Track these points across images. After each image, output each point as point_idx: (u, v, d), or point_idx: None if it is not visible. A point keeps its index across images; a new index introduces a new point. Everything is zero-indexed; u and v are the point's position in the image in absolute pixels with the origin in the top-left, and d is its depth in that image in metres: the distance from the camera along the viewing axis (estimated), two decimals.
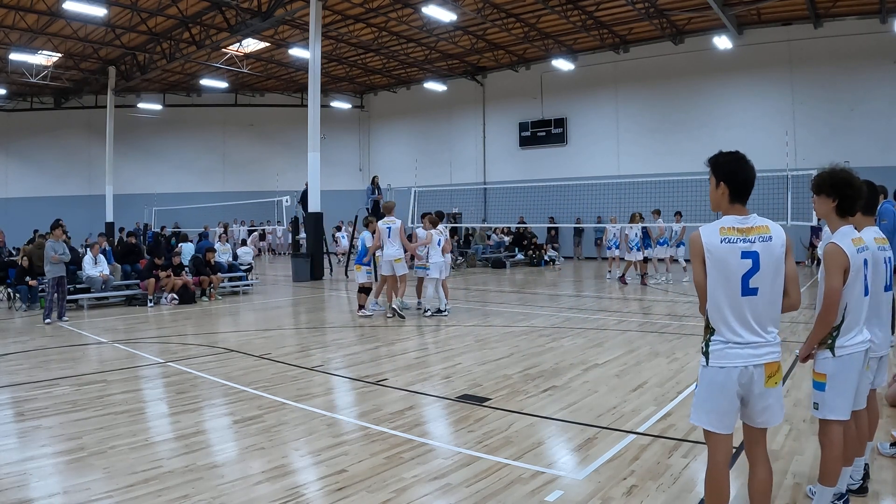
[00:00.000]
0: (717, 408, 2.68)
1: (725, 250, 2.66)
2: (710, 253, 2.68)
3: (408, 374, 6.53)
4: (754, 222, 2.70)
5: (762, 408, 2.70)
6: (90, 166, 28.49)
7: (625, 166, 22.94)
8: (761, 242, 2.66)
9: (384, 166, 29.52)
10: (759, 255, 2.64)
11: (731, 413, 2.70)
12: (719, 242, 2.67)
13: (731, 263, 2.65)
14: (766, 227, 2.69)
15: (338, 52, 23.88)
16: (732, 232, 2.68)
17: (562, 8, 18.88)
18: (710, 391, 2.70)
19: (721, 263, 2.66)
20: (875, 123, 18.27)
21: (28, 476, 3.86)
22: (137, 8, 18.39)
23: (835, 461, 3.11)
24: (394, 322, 9.94)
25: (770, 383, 2.67)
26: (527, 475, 3.84)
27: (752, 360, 2.64)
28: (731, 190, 2.73)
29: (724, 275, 2.66)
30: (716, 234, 2.69)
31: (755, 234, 2.67)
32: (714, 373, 2.69)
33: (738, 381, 2.65)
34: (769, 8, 18.23)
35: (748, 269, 2.64)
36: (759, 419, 2.73)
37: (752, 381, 2.65)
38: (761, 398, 2.68)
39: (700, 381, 2.77)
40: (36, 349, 8.16)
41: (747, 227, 2.68)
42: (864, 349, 3.17)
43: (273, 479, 3.81)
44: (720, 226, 2.71)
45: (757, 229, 2.68)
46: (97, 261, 12.53)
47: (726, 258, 2.65)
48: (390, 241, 10.36)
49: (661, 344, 7.88)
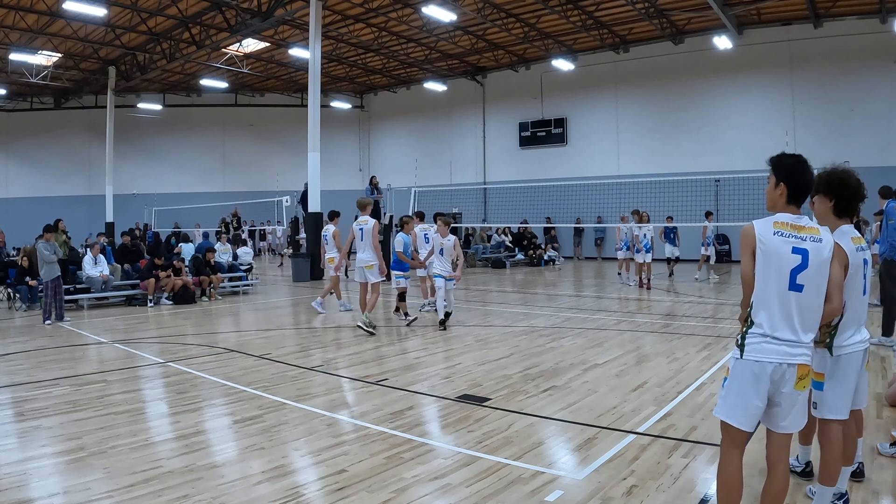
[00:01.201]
0: (746, 402, 2.69)
1: (778, 242, 2.69)
2: (762, 244, 2.71)
3: (408, 374, 6.53)
4: (807, 223, 2.76)
5: (788, 410, 2.70)
6: (90, 166, 28.49)
7: (625, 166, 22.94)
8: (812, 242, 2.70)
9: (384, 166, 29.53)
10: (808, 254, 2.68)
11: (756, 410, 2.70)
12: (772, 234, 2.71)
13: (782, 256, 2.68)
14: (817, 230, 2.76)
15: (338, 52, 23.88)
16: (786, 227, 2.72)
17: (562, 8, 18.87)
18: (742, 384, 2.70)
19: (772, 255, 2.69)
20: (875, 123, 18.27)
21: (28, 476, 3.86)
22: (137, 8, 18.39)
23: (834, 461, 3.11)
24: (393, 322, 9.93)
25: (799, 386, 2.68)
26: (527, 475, 3.84)
27: (788, 359, 2.65)
28: (790, 191, 2.76)
29: (775, 267, 2.69)
30: (769, 227, 2.73)
31: (807, 234, 2.71)
32: (748, 366, 2.70)
33: (771, 378, 2.66)
34: (769, 8, 18.23)
35: (797, 264, 2.67)
36: (783, 422, 2.73)
37: (784, 380, 2.66)
38: (788, 399, 2.68)
39: (732, 373, 2.77)
40: (36, 349, 8.15)
41: (801, 226, 2.73)
42: (863, 348, 3.17)
43: (273, 479, 3.81)
44: (774, 220, 2.75)
45: (809, 229, 2.73)
46: (97, 261, 12.53)
47: (778, 250, 2.69)
48: (362, 245, 9.16)
49: (661, 344, 7.88)
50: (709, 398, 5.43)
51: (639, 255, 14.45)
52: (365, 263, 9.06)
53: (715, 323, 9.60)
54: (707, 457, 4.07)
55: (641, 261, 14.42)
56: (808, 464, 3.71)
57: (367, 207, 9.43)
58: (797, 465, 3.74)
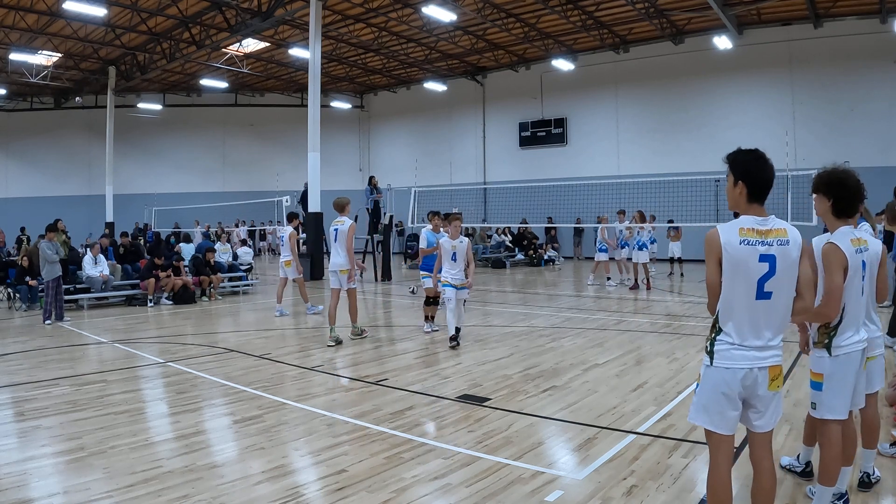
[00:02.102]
0: (719, 408, 2.65)
1: (744, 252, 2.59)
2: (727, 253, 2.61)
3: (408, 374, 6.53)
4: (773, 224, 2.64)
5: (763, 411, 2.67)
6: (90, 166, 28.49)
7: (625, 166, 22.94)
8: (779, 246, 2.60)
9: (384, 166, 29.53)
10: (776, 260, 2.59)
11: (733, 414, 2.66)
12: (738, 243, 2.60)
13: (749, 266, 2.59)
14: (784, 231, 2.64)
15: (338, 52, 23.88)
16: (752, 234, 2.61)
17: (562, 8, 18.87)
18: (714, 391, 2.66)
19: (738, 265, 2.60)
20: (875, 123, 18.26)
21: (28, 476, 3.86)
22: (137, 8, 18.39)
23: (834, 461, 3.11)
24: (393, 323, 9.92)
25: (773, 386, 2.64)
26: (527, 475, 3.84)
27: (757, 363, 2.61)
28: (749, 189, 2.67)
29: (741, 277, 2.60)
30: (735, 234, 2.62)
31: (774, 237, 2.61)
32: (718, 373, 2.65)
33: (742, 384, 2.62)
34: (769, 8, 18.23)
35: (765, 272, 2.58)
36: (758, 423, 2.69)
37: (756, 384, 2.62)
38: (762, 401, 2.65)
39: (703, 380, 2.73)
40: (36, 349, 8.15)
41: (767, 230, 2.62)
42: (861, 349, 3.17)
43: (273, 479, 3.81)
44: (739, 226, 2.64)
45: (776, 232, 2.62)
46: (97, 261, 12.53)
47: (745, 260, 2.59)
48: (336, 247, 8.40)
49: (661, 344, 7.88)
50: None
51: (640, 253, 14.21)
52: (339, 267, 8.32)
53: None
54: (707, 457, 4.06)
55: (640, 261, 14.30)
56: (808, 464, 3.70)
57: (345, 207, 8.59)
58: (797, 464, 3.75)
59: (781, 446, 4.20)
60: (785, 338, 2.75)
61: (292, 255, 11.25)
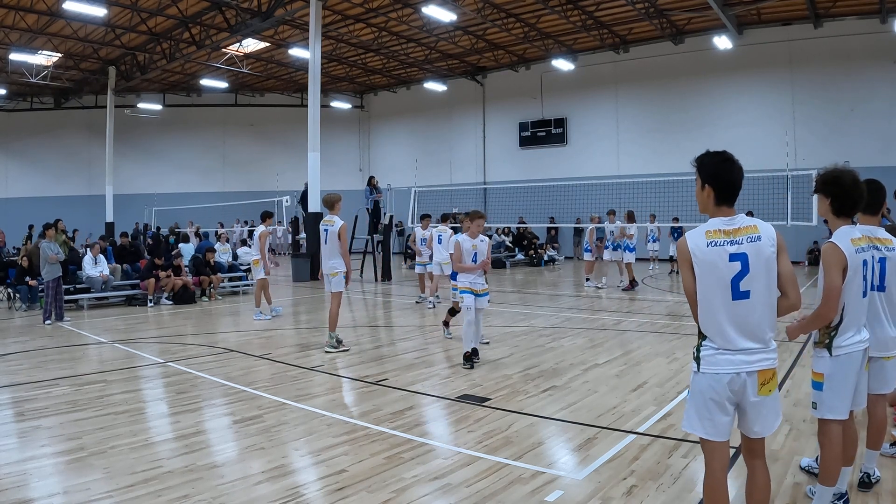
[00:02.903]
0: (710, 415, 2.61)
1: (712, 254, 2.57)
2: (696, 258, 2.60)
3: (408, 374, 6.52)
4: (741, 223, 2.61)
5: (756, 416, 2.62)
6: (90, 166, 28.48)
7: (625, 166, 22.94)
8: (750, 243, 2.56)
9: (384, 166, 29.53)
10: (747, 257, 2.55)
11: (724, 420, 2.61)
12: (706, 246, 2.58)
13: (720, 267, 2.56)
14: (753, 227, 2.60)
15: (338, 52, 23.88)
16: (719, 235, 2.59)
17: (562, 8, 18.87)
18: (702, 398, 2.62)
19: (709, 268, 2.58)
20: (875, 123, 18.26)
21: (28, 476, 3.86)
22: (137, 8, 18.39)
23: (834, 461, 3.11)
24: (393, 323, 9.92)
25: (764, 391, 2.58)
26: (527, 475, 3.84)
27: (745, 367, 2.56)
28: (717, 192, 2.64)
29: (713, 279, 2.58)
30: (702, 238, 2.61)
31: (743, 235, 2.58)
32: (705, 379, 2.61)
33: (730, 389, 2.57)
34: (769, 8, 18.23)
35: (737, 272, 2.55)
36: (755, 428, 2.65)
37: (745, 389, 2.57)
38: (755, 406, 2.60)
39: (692, 387, 2.70)
40: (36, 349, 8.15)
41: (734, 229, 2.60)
42: (863, 349, 3.16)
43: (273, 479, 3.81)
44: (706, 229, 2.62)
45: (745, 230, 2.59)
46: (97, 261, 12.53)
47: (714, 262, 2.56)
48: (326, 249, 8.00)
49: (661, 344, 7.88)
50: None
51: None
52: (330, 270, 7.91)
53: None
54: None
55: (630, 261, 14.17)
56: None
57: (335, 205, 8.00)
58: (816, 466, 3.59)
59: (781, 446, 4.20)
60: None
61: (261, 255, 10.86)
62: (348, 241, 7.97)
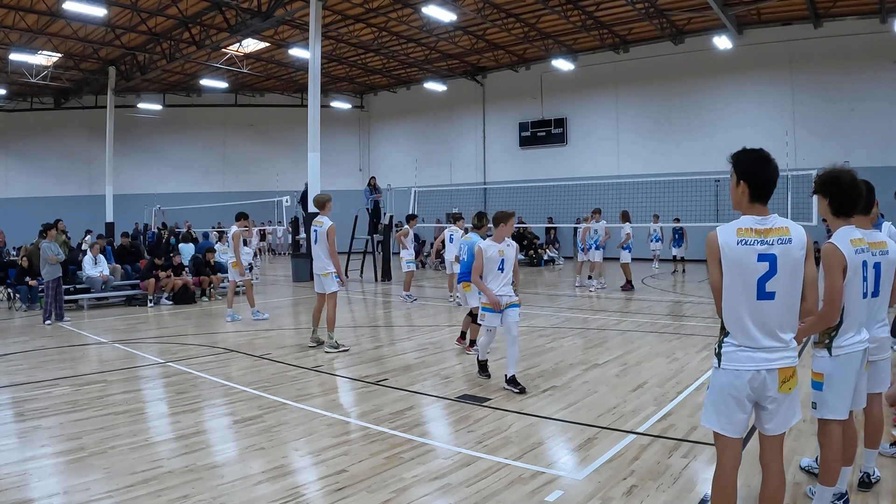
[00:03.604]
0: (728, 411, 2.63)
1: (741, 252, 2.57)
2: (725, 254, 2.60)
3: (408, 374, 6.52)
4: (774, 223, 2.60)
5: (773, 413, 2.63)
6: (90, 166, 28.47)
7: (625, 166, 22.94)
8: (780, 245, 2.56)
9: (384, 166, 29.52)
10: (776, 259, 2.54)
11: (741, 417, 2.63)
12: (735, 244, 2.58)
13: (747, 266, 2.56)
14: (786, 229, 2.59)
15: (338, 52, 23.87)
16: (750, 233, 2.58)
17: (562, 8, 18.87)
18: (721, 394, 2.64)
19: (736, 265, 2.58)
20: (875, 123, 18.26)
21: (28, 476, 3.86)
22: (137, 8, 18.38)
23: (834, 461, 3.11)
24: (393, 323, 9.92)
25: (784, 388, 2.59)
26: (527, 475, 3.84)
27: (765, 365, 2.57)
28: (751, 189, 2.64)
29: (740, 277, 2.58)
30: (732, 235, 2.60)
31: (774, 236, 2.57)
32: (725, 375, 2.63)
33: (750, 386, 2.58)
34: (769, 8, 18.22)
35: (764, 272, 2.55)
36: (768, 425, 2.66)
37: (765, 386, 2.58)
38: (774, 403, 2.61)
39: (711, 382, 2.72)
40: (36, 349, 8.15)
41: (766, 229, 2.58)
42: (863, 349, 3.16)
43: (273, 479, 3.81)
44: (738, 226, 2.62)
45: (776, 231, 2.58)
46: (97, 261, 12.53)
47: (742, 260, 2.57)
48: (316, 250, 7.95)
49: (661, 344, 7.88)
50: None
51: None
52: (321, 271, 7.88)
53: (715, 323, 9.58)
54: (707, 457, 4.07)
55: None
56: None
57: (325, 205, 7.96)
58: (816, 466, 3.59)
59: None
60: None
61: (237, 257, 10.65)
62: (336, 242, 7.93)
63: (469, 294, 7.27)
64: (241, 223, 11.00)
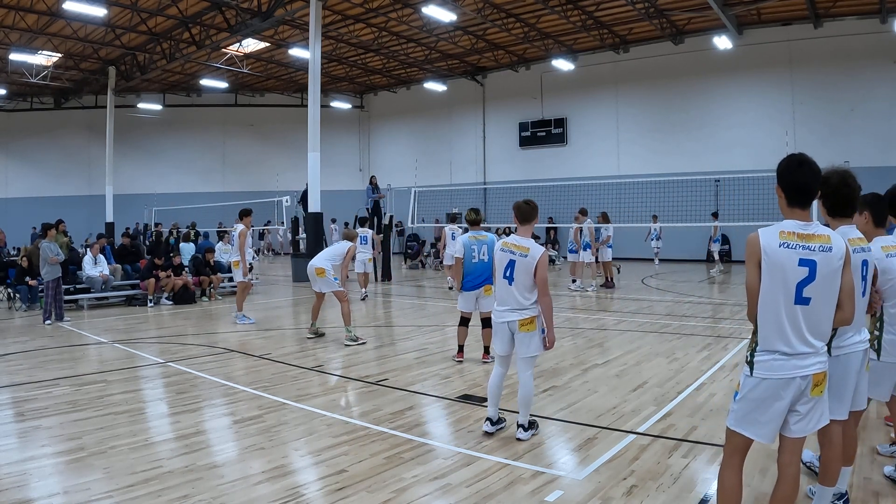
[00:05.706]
0: (758, 418, 2.63)
1: (783, 255, 2.57)
2: (766, 256, 2.59)
3: (408, 374, 6.52)
4: (816, 230, 2.61)
5: (803, 415, 2.64)
6: (90, 166, 28.49)
7: (625, 166, 22.94)
8: (821, 252, 2.56)
9: (384, 166, 29.52)
10: (816, 265, 2.55)
11: (774, 423, 2.64)
12: (778, 246, 2.58)
13: (787, 269, 2.56)
14: (827, 237, 2.60)
15: (338, 52, 23.87)
16: (792, 237, 2.58)
17: (562, 8, 18.87)
18: (754, 402, 2.64)
19: (777, 268, 2.57)
20: (875, 123, 18.26)
21: (28, 476, 3.86)
22: (137, 8, 18.38)
23: (834, 461, 3.11)
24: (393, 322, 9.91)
25: (816, 392, 2.62)
26: (527, 475, 3.84)
27: (800, 372, 2.57)
28: (787, 194, 2.66)
29: (779, 280, 2.57)
30: (775, 237, 2.60)
31: (816, 243, 2.57)
32: (758, 384, 2.63)
33: (784, 393, 2.59)
34: (769, 8, 18.22)
35: (804, 277, 2.54)
36: (796, 426, 2.67)
37: (800, 392, 2.60)
38: (806, 406, 2.63)
39: (742, 389, 2.70)
40: (36, 349, 8.15)
41: (809, 234, 2.59)
42: (862, 349, 3.16)
43: (273, 479, 3.81)
44: (780, 229, 2.62)
45: (818, 237, 2.59)
46: (97, 261, 12.53)
47: (783, 263, 2.56)
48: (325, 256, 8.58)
49: (661, 344, 7.88)
50: (709, 398, 5.43)
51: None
52: (313, 267, 8.31)
53: (715, 323, 9.60)
54: (707, 457, 4.07)
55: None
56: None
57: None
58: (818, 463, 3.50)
59: None
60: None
61: (240, 256, 10.29)
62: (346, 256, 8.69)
63: (489, 297, 6.59)
64: (247, 221, 10.73)
